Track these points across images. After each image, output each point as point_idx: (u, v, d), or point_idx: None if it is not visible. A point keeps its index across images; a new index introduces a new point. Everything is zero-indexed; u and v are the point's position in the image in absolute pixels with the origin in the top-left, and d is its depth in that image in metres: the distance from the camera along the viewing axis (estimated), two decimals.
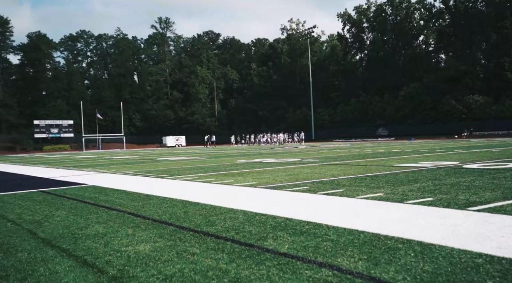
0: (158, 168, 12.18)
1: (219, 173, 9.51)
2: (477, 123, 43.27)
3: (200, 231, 3.56)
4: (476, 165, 8.78)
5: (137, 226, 3.87)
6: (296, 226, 3.64)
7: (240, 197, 5.61)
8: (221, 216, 4.25)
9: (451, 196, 4.93)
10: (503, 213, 3.84)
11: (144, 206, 5.05)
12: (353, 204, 4.68)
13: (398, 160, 11.66)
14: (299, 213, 4.23)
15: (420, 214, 3.97)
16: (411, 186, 5.89)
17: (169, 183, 7.98)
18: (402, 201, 4.74)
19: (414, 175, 7.35)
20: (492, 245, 2.83)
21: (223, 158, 17.03)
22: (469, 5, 51.59)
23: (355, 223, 3.67)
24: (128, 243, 3.22)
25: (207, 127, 71.76)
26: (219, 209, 4.69)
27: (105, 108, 74.38)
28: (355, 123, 56.33)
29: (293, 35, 70.88)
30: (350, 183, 6.65)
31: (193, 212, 4.54)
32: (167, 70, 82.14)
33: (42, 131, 64.56)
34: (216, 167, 11.54)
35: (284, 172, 9.04)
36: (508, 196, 4.72)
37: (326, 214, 4.17)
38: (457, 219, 3.68)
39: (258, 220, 3.96)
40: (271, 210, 4.45)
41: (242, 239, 3.26)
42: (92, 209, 4.98)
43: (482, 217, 3.72)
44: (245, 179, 7.98)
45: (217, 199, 5.49)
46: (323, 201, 5.02)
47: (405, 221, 3.67)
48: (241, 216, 4.18)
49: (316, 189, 6.06)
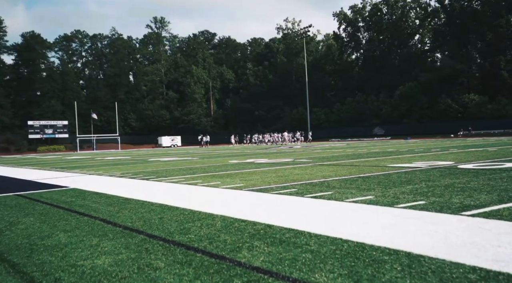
0: (147, 169, 11.87)
1: (207, 174, 9.22)
2: (473, 123, 43.20)
3: (171, 241, 3.27)
4: (472, 165, 8.54)
5: (105, 234, 3.57)
6: (276, 234, 3.36)
7: (223, 201, 5.32)
8: (198, 222, 3.96)
9: (444, 198, 4.67)
10: (499, 218, 3.58)
11: (119, 211, 4.75)
12: (340, 208, 4.40)
13: (392, 159, 11.41)
14: (282, 219, 3.95)
15: (411, 219, 3.70)
16: (403, 188, 5.63)
17: (153, 185, 7.68)
18: (393, 204, 4.47)
19: (407, 176, 7.09)
20: (488, 256, 2.55)
21: (215, 159, 16.73)
22: (464, 4, 51.53)
23: (340, 230, 3.39)
24: (89, 255, 2.92)
25: (203, 127, 71.37)
26: (198, 214, 4.40)
27: (100, 109, 73.79)
28: (351, 123, 56.17)
29: (289, 34, 70.64)
30: (341, 184, 6.38)
31: (170, 218, 4.25)
32: (162, 70, 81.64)
33: (36, 132, 63.94)
34: (206, 168, 11.25)
35: (275, 173, 8.76)
36: (504, 199, 4.46)
37: (310, 219, 3.89)
38: (449, 225, 3.41)
39: (236, 227, 3.67)
40: (253, 215, 4.17)
41: (214, 249, 2.97)
42: (63, 215, 4.68)
43: (477, 222, 3.45)
44: (233, 180, 7.69)
45: (198, 203, 5.20)
46: (310, 205, 4.74)
47: (394, 228, 3.40)
48: (220, 223, 3.90)
49: (304, 191, 5.79)
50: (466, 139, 31.54)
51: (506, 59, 46.81)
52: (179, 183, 7.75)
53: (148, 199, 5.64)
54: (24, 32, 76.18)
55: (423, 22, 58.21)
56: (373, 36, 62.03)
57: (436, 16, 56.15)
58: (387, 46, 61.17)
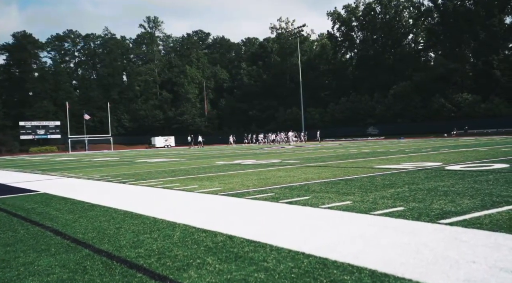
0: (129, 171, 11.51)
1: (188, 177, 8.90)
2: (466, 122, 43.17)
3: (116, 257, 2.94)
4: (459, 166, 8.29)
5: (47, 249, 3.24)
6: (235, 248, 3.05)
7: (192, 207, 5.00)
8: (155, 233, 3.64)
9: (425, 204, 4.39)
10: (478, 227, 3.30)
11: (77, 220, 4.41)
12: (313, 216, 4.10)
13: (381, 160, 11.15)
14: (247, 229, 3.64)
15: (385, 229, 3.41)
16: (385, 192, 5.35)
17: (127, 189, 7.34)
18: (370, 211, 4.19)
19: (392, 178, 6.82)
20: (459, 275, 2.26)
21: (203, 160, 16.40)
22: (457, 3, 51.52)
23: (305, 243, 3.09)
24: (15, 277, 2.59)
25: (197, 127, 70.91)
26: (159, 223, 4.08)
27: (93, 109, 73.10)
28: (345, 123, 56.01)
29: (283, 34, 70.35)
30: (321, 188, 6.09)
31: (128, 227, 3.93)
32: (156, 70, 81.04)
33: (28, 132, 63.19)
34: (189, 170, 10.92)
35: (257, 176, 8.46)
36: (487, 204, 4.18)
37: (277, 229, 3.59)
38: (425, 236, 3.12)
39: (194, 239, 3.36)
40: (217, 225, 3.86)
41: (159, 268, 2.65)
42: (14, 225, 4.34)
43: (454, 233, 3.17)
44: (211, 184, 7.38)
45: (165, 209, 4.88)
46: (282, 211, 4.44)
47: (364, 239, 3.10)
48: (178, 234, 3.58)
49: (281, 196, 5.49)
50: (458, 139, 31.44)
51: (499, 59, 46.84)
52: (155, 186, 7.42)
53: (114, 205, 5.31)
54: (15, 32, 75.19)
55: (417, 22, 58.16)
56: (367, 36, 61.91)
57: (430, 16, 56.09)
58: (381, 45, 61.07)
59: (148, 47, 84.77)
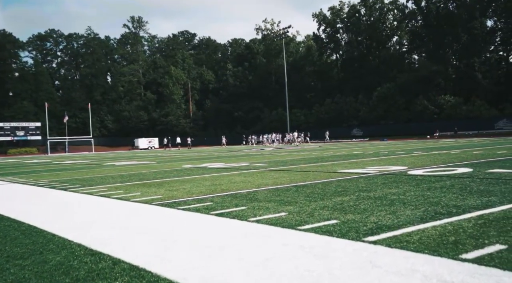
0: (84, 176, 10.86)
1: (139, 183, 8.32)
2: (448, 123, 43.46)
3: None
4: (422, 171, 7.91)
5: None
6: (106, 279, 2.52)
7: (107, 222, 4.44)
8: (33, 257, 3.09)
9: (362, 216, 3.93)
10: (403, 246, 2.85)
11: None
12: (231, 232, 3.60)
13: (349, 164, 10.75)
14: (143, 251, 3.12)
15: (299, 250, 2.92)
16: (329, 201, 4.90)
17: (59, 197, 6.74)
18: (299, 225, 3.71)
19: (347, 185, 6.38)
20: None
21: (172, 163, 15.79)
22: (440, 6, 51.97)
23: (193, 272, 2.59)
24: None
25: (182, 128, 70.03)
26: (52, 242, 3.52)
27: (75, 110, 71.60)
28: (330, 124, 55.92)
29: (268, 35, 70.08)
30: (267, 196, 5.61)
31: (10, 248, 3.36)
32: (140, 70, 79.87)
33: (7, 134, 61.38)
34: (148, 174, 10.33)
35: (212, 181, 7.94)
36: (427, 217, 3.75)
37: (176, 252, 3.07)
38: (338, 260, 2.64)
39: (73, 266, 2.82)
40: (114, 245, 3.32)
41: None
42: None
43: (373, 255, 2.70)
44: (157, 190, 6.83)
45: (73, 223, 4.33)
46: (201, 226, 3.93)
47: (266, 268, 2.61)
48: (59, 258, 3.03)
49: (218, 206, 4.98)
50: (439, 141, 31.47)
51: (480, 61, 47.38)
52: (93, 194, 6.83)
53: (21, 218, 4.72)
54: None
55: (401, 24, 58.53)
56: (352, 38, 62.06)
57: (413, 18, 56.49)
58: (366, 47, 61.28)
59: (132, 47, 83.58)
